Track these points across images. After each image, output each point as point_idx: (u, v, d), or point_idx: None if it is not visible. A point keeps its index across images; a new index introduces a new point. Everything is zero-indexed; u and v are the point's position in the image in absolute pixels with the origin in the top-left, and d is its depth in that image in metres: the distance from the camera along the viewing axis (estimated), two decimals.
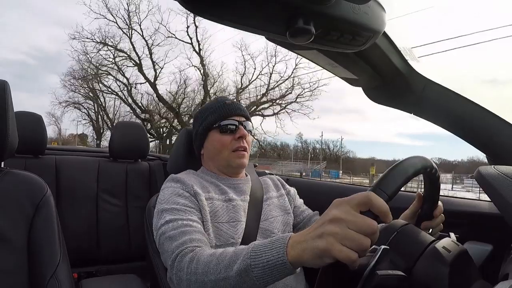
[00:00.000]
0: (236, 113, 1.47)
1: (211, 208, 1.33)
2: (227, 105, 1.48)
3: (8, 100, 1.21)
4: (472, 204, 1.48)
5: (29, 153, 2.52)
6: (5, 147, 1.21)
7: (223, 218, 1.34)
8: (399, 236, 0.95)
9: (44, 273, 1.18)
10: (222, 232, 1.31)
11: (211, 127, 1.46)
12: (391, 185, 0.86)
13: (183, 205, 1.27)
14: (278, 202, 1.55)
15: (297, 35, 0.70)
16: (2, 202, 1.19)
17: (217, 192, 1.40)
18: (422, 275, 0.87)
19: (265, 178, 1.66)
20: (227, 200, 1.39)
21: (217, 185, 1.43)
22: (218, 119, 1.45)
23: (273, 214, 1.48)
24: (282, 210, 1.53)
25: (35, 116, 2.49)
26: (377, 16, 0.78)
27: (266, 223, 1.44)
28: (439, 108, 1.26)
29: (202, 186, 1.39)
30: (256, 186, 1.53)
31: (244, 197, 1.45)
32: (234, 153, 1.44)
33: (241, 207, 1.40)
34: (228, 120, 1.45)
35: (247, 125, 1.48)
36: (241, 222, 1.36)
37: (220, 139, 1.44)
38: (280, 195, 1.59)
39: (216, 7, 0.66)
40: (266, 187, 1.58)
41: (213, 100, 1.57)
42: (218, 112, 1.46)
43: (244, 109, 1.52)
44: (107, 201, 2.69)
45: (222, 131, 1.44)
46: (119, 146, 2.78)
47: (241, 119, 1.47)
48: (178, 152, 1.67)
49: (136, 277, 2.05)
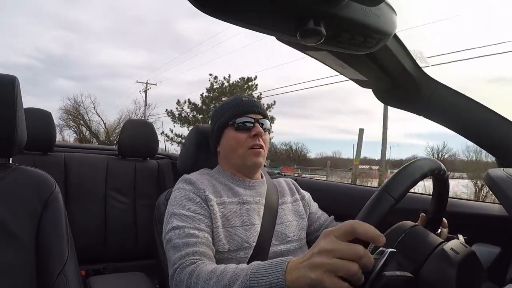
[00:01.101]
0: (253, 110, 1.44)
1: (222, 213, 1.31)
2: (244, 102, 1.45)
3: (18, 96, 1.21)
4: (480, 206, 1.48)
5: (38, 150, 2.53)
6: (14, 143, 1.21)
7: (236, 222, 1.32)
8: (407, 237, 0.96)
9: (52, 270, 1.17)
10: (235, 236, 1.29)
11: (227, 124, 1.44)
12: (398, 189, 0.86)
13: (192, 211, 1.26)
14: (292, 207, 1.53)
15: (307, 36, 0.71)
16: (10, 198, 1.19)
17: (229, 196, 1.38)
18: (430, 276, 0.87)
19: (280, 180, 1.64)
20: (240, 203, 1.37)
21: (230, 187, 1.41)
22: (234, 116, 1.43)
23: (288, 218, 1.46)
24: (297, 215, 1.51)
25: (44, 113, 2.50)
26: (388, 18, 0.78)
27: (282, 226, 1.41)
28: (448, 111, 1.26)
29: (214, 189, 1.37)
30: (271, 189, 1.50)
31: (259, 199, 1.42)
32: (249, 151, 1.40)
33: (255, 210, 1.38)
34: (244, 118, 1.42)
35: (264, 123, 1.45)
36: (255, 226, 1.34)
37: (236, 137, 1.42)
38: (294, 200, 1.57)
39: (227, 7, 0.66)
40: (281, 190, 1.56)
41: (230, 98, 1.53)
42: (234, 109, 1.44)
43: (261, 106, 1.49)
44: (115, 199, 2.70)
45: (237, 129, 1.42)
46: (128, 144, 2.79)
47: (257, 117, 1.44)
48: (188, 150, 1.67)
49: (143, 275, 2.06)
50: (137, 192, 2.78)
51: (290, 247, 1.38)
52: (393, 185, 0.87)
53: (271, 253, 1.31)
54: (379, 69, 1.17)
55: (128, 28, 72.53)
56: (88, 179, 2.64)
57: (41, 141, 2.46)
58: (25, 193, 1.22)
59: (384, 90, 1.31)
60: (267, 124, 1.46)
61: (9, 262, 1.13)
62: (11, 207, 1.18)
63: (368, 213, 0.85)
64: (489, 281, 0.93)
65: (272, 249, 1.33)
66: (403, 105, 1.33)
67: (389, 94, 1.32)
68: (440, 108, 1.26)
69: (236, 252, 1.27)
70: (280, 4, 0.66)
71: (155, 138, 2.90)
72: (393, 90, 1.29)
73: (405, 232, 0.97)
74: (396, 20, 0.81)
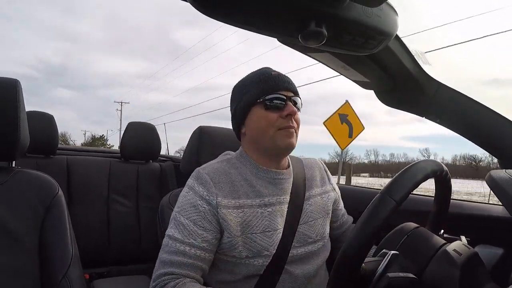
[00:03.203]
0: (284, 86, 1.25)
1: (242, 218, 1.18)
2: (274, 77, 1.26)
3: (20, 99, 1.21)
4: (483, 207, 1.47)
5: (41, 153, 2.53)
6: (17, 146, 1.21)
7: (257, 228, 1.19)
8: (410, 239, 0.96)
9: (56, 273, 1.17)
10: (255, 244, 1.17)
11: (255, 102, 1.24)
12: (400, 191, 0.86)
13: (192, 221, 1.16)
14: (321, 200, 1.36)
15: (309, 37, 0.71)
16: (13, 201, 1.19)
17: (250, 196, 1.22)
18: (433, 277, 0.87)
19: (312, 163, 1.46)
20: (262, 205, 1.22)
21: (252, 184, 1.25)
22: (263, 93, 1.23)
23: (314, 216, 1.31)
24: (323, 211, 1.35)
25: (46, 116, 2.51)
26: (390, 19, 0.78)
27: (305, 226, 1.27)
28: (450, 112, 1.26)
29: (232, 189, 1.22)
30: (298, 181, 1.34)
31: (284, 198, 1.27)
32: (281, 131, 1.22)
33: (278, 212, 1.23)
34: (275, 94, 1.22)
35: (296, 101, 1.26)
36: (278, 231, 1.21)
37: (266, 116, 1.22)
38: (323, 191, 1.40)
39: (229, 9, 0.67)
40: (310, 179, 1.38)
41: (255, 71, 1.33)
42: (263, 85, 1.24)
43: (292, 82, 1.29)
44: (118, 202, 2.71)
45: (267, 108, 1.22)
46: (131, 147, 2.80)
47: (289, 94, 1.25)
48: (191, 150, 1.65)
49: (147, 278, 2.06)
50: (140, 195, 2.78)
51: (312, 249, 1.27)
52: (395, 188, 0.86)
53: (291, 256, 1.21)
54: (380, 70, 1.17)
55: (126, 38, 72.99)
56: (91, 182, 2.64)
57: (43, 144, 2.46)
58: (28, 196, 1.22)
59: (386, 91, 1.31)
60: (299, 103, 1.28)
61: (12, 265, 1.13)
62: (14, 210, 1.17)
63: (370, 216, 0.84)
64: (492, 282, 0.93)
65: (292, 252, 1.22)
66: (405, 106, 1.33)
67: (391, 95, 1.32)
68: (442, 109, 1.26)
69: (254, 258, 1.17)
70: (282, 6, 0.67)
71: (157, 141, 2.90)
72: (395, 91, 1.29)
73: (407, 234, 0.97)
74: (397, 21, 0.81)
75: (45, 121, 2.48)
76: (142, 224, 2.73)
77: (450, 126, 1.29)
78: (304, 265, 1.24)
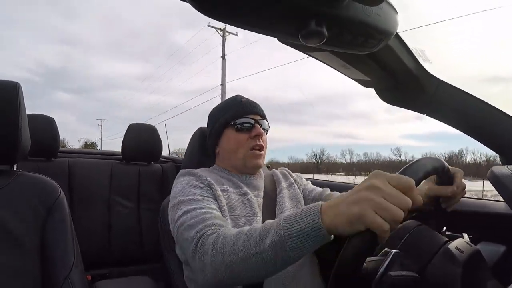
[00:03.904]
0: (252, 111, 1.44)
1: (227, 199, 1.31)
2: (243, 103, 1.45)
3: (21, 102, 1.20)
4: (485, 204, 1.47)
5: (42, 156, 2.53)
6: (18, 149, 1.20)
7: (239, 212, 1.31)
8: (412, 237, 0.96)
9: (58, 276, 1.18)
10: (239, 226, 1.26)
11: (227, 125, 1.44)
12: None
13: (199, 195, 1.24)
14: (289, 192, 1.52)
15: (309, 37, 0.71)
16: (15, 204, 1.19)
17: (231, 186, 1.38)
18: (435, 275, 0.87)
19: (274, 170, 1.65)
20: (242, 194, 1.37)
21: (230, 179, 1.41)
22: (234, 117, 1.42)
23: (287, 205, 1.45)
24: (294, 200, 1.50)
25: (47, 119, 2.50)
26: (390, 18, 0.78)
27: (282, 216, 1.39)
28: (452, 109, 1.26)
29: (216, 179, 1.36)
30: (268, 180, 1.52)
31: (258, 192, 1.43)
32: (250, 153, 1.41)
33: (255, 203, 1.37)
34: (244, 118, 1.42)
35: (263, 123, 1.45)
36: (258, 217, 1.33)
37: (236, 137, 1.42)
38: (289, 184, 1.57)
39: (228, 9, 0.67)
40: (278, 179, 1.56)
41: (228, 98, 1.54)
42: (234, 110, 1.44)
43: (260, 107, 1.49)
44: (119, 204, 2.70)
45: (238, 129, 1.42)
46: (132, 148, 2.79)
47: (257, 118, 1.44)
48: (192, 151, 1.66)
49: (148, 279, 2.06)
50: (142, 196, 2.78)
51: None
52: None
53: None
54: (381, 68, 1.17)
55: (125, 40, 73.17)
56: (92, 184, 2.64)
57: (45, 147, 2.46)
58: (30, 199, 1.22)
59: (387, 89, 1.32)
60: (266, 125, 1.47)
61: (14, 268, 1.13)
62: (15, 212, 1.17)
63: None
64: (494, 279, 0.93)
65: None
66: (406, 104, 1.33)
67: (392, 93, 1.32)
68: (443, 106, 1.26)
69: None
70: (281, 6, 0.67)
71: (158, 142, 2.90)
72: (396, 89, 1.29)
73: (410, 231, 0.97)
74: (397, 19, 0.81)
75: (46, 124, 2.47)
76: (143, 226, 2.73)
77: (451, 123, 1.29)
78: None
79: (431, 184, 1.11)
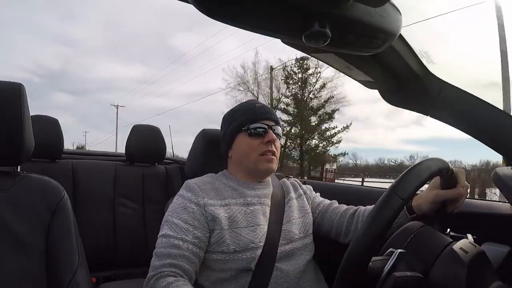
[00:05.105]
0: (266, 117, 1.44)
1: (228, 214, 1.33)
2: (257, 108, 1.46)
3: (24, 104, 1.20)
4: (490, 205, 1.46)
5: (46, 157, 2.52)
6: (21, 151, 1.20)
7: (242, 223, 1.33)
8: (416, 238, 0.96)
9: (63, 278, 1.17)
10: (241, 237, 1.30)
11: (240, 130, 1.44)
12: (406, 189, 0.86)
13: (183, 221, 1.30)
14: (297, 203, 1.54)
15: (313, 38, 0.71)
16: (19, 206, 1.18)
17: (234, 196, 1.40)
18: (440, 276, 0.87)
19: (284, 180, 1.65)
20: (245, 204, 1.39)
21: (235, 188, 1.43)
22: (247, 122, 1.43)
23: (294, 215, 1.47)
24: (302, 211, 1.52)
25: (51, 120, 2.50)
26: (393, 19, 0.78)
27: (288, 225, 1.43)
28: (455, 110, 1.26)
29: (217, 193, 1.39)
30: (277, 189, 1.52)
31: (265, 200, 1.44)
32: (262, 157, 1.41)
33: (259, 211, 1.39)
34: (257, 124, 1.42)
35: (276, 129, 1.45)
36: (261, 226, 1.35)
37: (249, 142, 1.42)
38: (298, 195, 1.58)
39: (232, 10, 0.67)
40: (287, 189, 1.57)
41: (243, 102, 1.55)
42: (247, 115, 1.44)
43: (273, 113, 1.49)
44: (124, 205, 2.69)
45: (250, 135, 1.42)
46: (136, 150, 2.78)
47: (270, 123, 1.44)
48: (195, 154, 1.66)
49: None
50: (146, 198, 2.77)
51: (298, 245, 1.41)
52: (401, 186, 0.87)
53: (279, 253, 1.34)
54: (385, 69, 1.17)
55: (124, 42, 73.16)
56: (97, 186, 2.63)
57: (48, 149, 2.45)
58: (34, 201, 1.21)
59: (390, 90, 1.31)
60: (279, 131, 1.47)
61: (18, 270, 1.13)
62: (20, 214, 1.17)
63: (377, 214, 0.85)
64: (499, 280, 0.93)
65: (280, 249, 1.35)
66: (409, 105, 1.32)
67: (396, 94, 1.32)
68: (447, 107, 1.26)
69: (242, 252, 1.29)
70: (285, 7, 0.67)
71: (162, 143, 2.89)
72: (399, 90, 1.29)
73: (414, 232, 0.97)
74: (401, 20, 0.81)
75: (50, 125, 2.47)
76: (148, 227, 2.72)
77: (455, 124, 1.29)
78: (293, 261, 1.36)
79: (437, 189, 1.15)
